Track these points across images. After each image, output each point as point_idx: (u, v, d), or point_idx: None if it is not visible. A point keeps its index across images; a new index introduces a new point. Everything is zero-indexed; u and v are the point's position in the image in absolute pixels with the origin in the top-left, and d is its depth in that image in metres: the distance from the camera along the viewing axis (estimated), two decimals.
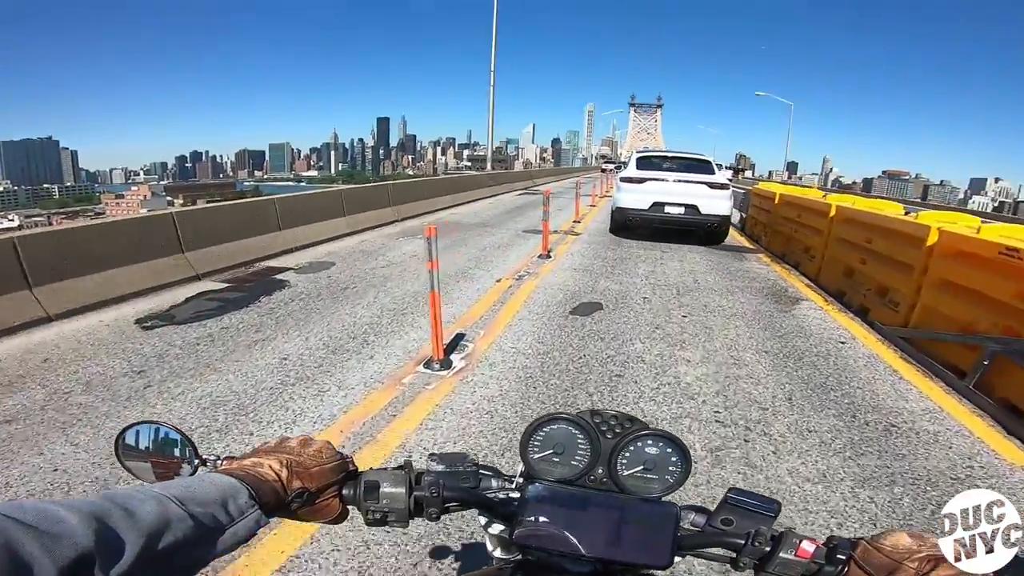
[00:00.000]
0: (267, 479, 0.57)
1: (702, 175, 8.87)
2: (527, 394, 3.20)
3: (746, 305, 5.35)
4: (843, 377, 3.70)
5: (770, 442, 2.76)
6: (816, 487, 2.39)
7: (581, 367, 3.61)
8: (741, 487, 0.63)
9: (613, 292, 5.52)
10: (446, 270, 6.11)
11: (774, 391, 3.40)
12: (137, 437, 0.63)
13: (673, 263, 7.30)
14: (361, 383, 3.26)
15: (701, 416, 3.01)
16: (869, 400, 3.36)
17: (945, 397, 3.45)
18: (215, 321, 4.33)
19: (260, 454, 0.60)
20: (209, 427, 2.71)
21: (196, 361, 3.52)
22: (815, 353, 4.14)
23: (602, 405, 1.79)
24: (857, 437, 2.87)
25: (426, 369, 3.46)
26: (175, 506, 0.45)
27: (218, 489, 0.51)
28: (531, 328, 4.36)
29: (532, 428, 0.68)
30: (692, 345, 4.12)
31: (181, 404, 2.93)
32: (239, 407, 2.91)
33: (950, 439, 2.91)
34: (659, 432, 0.66)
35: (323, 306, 4.82)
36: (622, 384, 3.39)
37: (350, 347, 3.85)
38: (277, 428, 2.72)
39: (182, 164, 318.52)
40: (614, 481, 0.66)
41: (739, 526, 0.59)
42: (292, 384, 3.21)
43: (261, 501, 0.54)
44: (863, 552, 0.53)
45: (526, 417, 2.85)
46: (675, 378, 3.50)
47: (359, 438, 2.64)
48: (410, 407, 2.97)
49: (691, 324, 4.62)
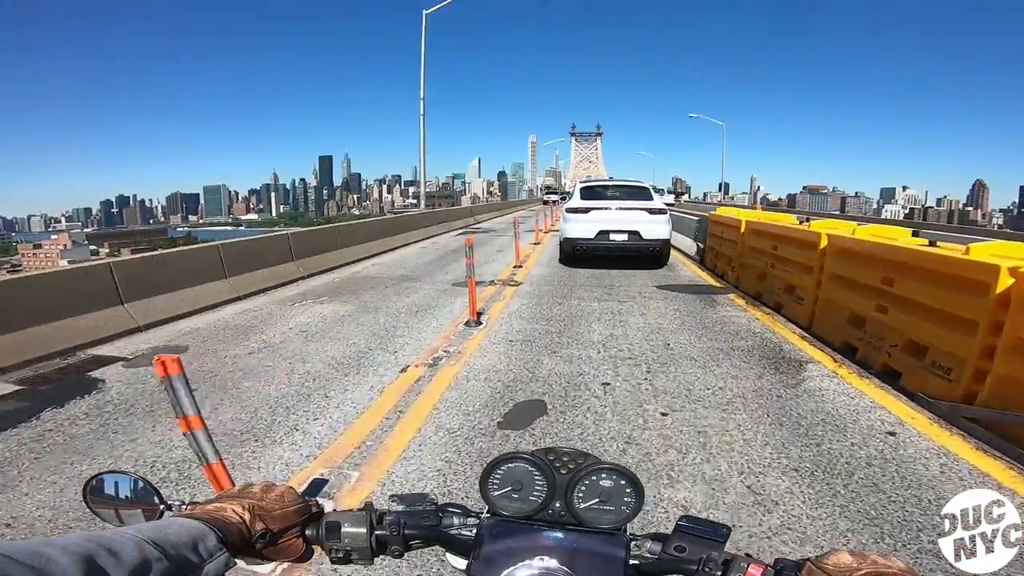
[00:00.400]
0: (231, 521, 0.59)
1: (642, 202, 9.37)
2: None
3: (742, 382, 3.95)
4: (924, 502, 2.38)
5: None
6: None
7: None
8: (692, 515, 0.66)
9: (561, 378, 3.98)
10: (335, 355, 4.48)
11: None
12: (105, 485, 0.65)
13: (635, 318, 5.90)
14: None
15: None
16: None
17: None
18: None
19: (224, 499, 0.63)
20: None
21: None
22: (864, 461, 2.80)
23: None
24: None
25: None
26: (151, 548, 0.47)
27: (187, 531, 0.53)
28: (435, 463, 2.77)
29: (490, 467, 0.69)
30: (686, 474, 2.66)
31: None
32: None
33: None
34: (611, 466, 0.68)
35: (127, 426, 3.22)
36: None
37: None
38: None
39: (108, 210, 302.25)
40: (571, 514, 0.68)
41: (692, 552, 0.62)
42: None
43: (228, 542, 0.56)
44: (808, 573, 0.54)
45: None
46: None
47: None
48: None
49: (676, 430, 3.14)
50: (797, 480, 2.61)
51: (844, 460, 2.80)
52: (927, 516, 2.28)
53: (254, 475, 2.61)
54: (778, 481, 2.60)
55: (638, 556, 0.64)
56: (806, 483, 2.58)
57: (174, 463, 2.75)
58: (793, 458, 2.82)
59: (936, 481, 2.60)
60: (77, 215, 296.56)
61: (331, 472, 2.68)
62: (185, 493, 2.53)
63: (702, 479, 2.62)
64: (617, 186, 10.51)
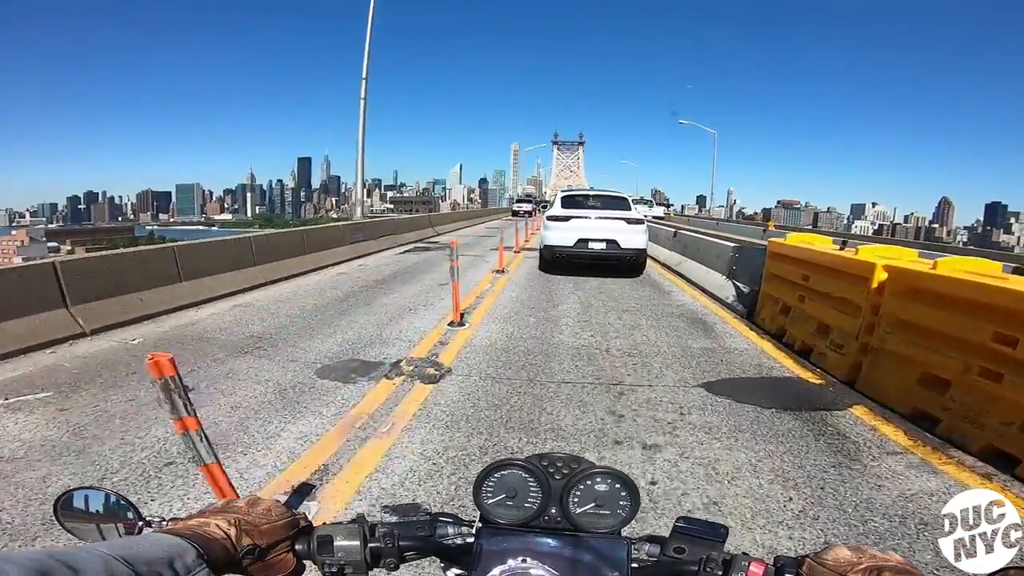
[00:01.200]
0: (215, 537, 0.56)
1: (620, 212, 9.69)
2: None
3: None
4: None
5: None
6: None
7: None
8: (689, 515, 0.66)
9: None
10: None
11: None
12: (80, 501, 0.63)
13: (696, 469, 2.91)
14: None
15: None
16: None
17: None
18: None
19: (207, 514, 0.60)
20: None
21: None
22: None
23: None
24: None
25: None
26: (120, 565, 0.45)
27: (164, 549, 0.50)
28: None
29: (483, 475, 0.69)
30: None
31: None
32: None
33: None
34: (606, 469, 0.68)
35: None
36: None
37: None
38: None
39: (75, 206, 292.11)
40: (568, 519, 0.67)
41: (691, 553, 0.62)
42: None
43: (210, 559, 0.53)
44: (808, 569, 0.55)
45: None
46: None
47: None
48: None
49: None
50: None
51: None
52: None
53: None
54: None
55: (637, 559, 0.64)
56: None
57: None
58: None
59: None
60: (43, 210, 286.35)
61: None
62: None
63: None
64: (597, 195, 10.90)
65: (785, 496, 2.62)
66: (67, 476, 2.65)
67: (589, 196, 10.89)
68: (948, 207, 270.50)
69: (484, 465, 0.70)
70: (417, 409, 3.55)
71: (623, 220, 9.33)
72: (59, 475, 2.65)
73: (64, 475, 2.66)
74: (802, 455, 3.07)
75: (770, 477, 2.81)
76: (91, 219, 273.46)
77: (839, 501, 2.59)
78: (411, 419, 3.39)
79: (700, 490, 2.67)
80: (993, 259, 4.56)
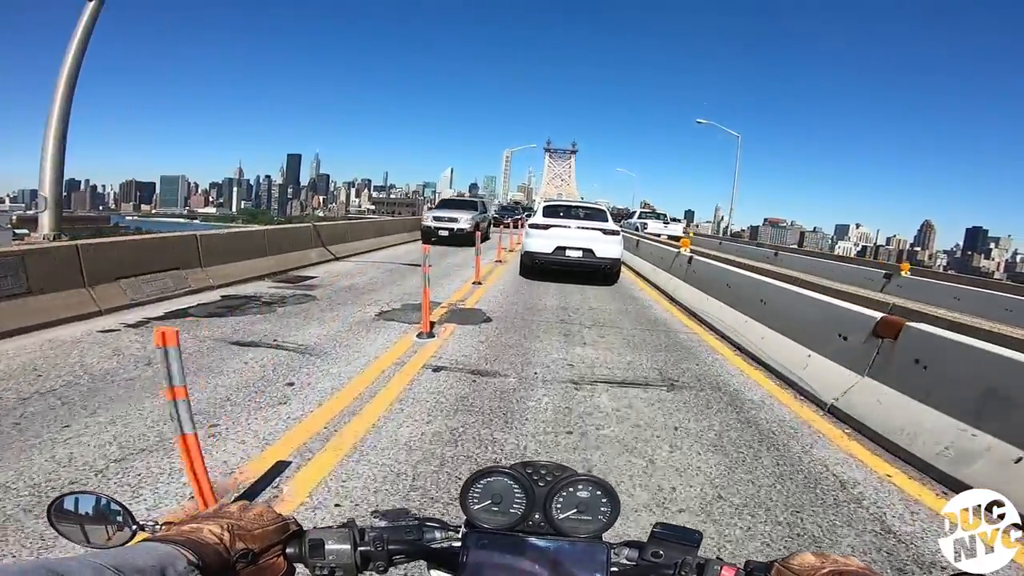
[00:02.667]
0: (208, 542, 0.57)
1: (598, 223, 9.98)
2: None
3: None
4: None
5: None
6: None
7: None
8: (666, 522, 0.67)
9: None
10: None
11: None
12: (74, 504, 0.63)
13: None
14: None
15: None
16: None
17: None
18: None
19: (200, 520, 0.61)
20: None
21: None
22: None
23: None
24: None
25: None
26: (111, 573, 0.45)
27: (155, 557, 0.50)
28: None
29: (470, 481, 0.70)
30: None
31: None
32: None
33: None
34: (588, 477, 0.70)
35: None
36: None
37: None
38: None
39: None
40: (551, 524, 0.69)
41: (667, 557, 0.64)
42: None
43: (203, 564, 0.54)
44: (777, 573, 0.57)
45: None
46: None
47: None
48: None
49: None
50: None
51: None
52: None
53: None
54: None
55: (617, 563, 0.67)
56: None
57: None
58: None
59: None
60: (23, 196, 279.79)
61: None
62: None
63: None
64: (577, 206, 11.48)
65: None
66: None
67: (570, 207, 11.41)
68: (930, 230, 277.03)
69: (471, 472, 0.72)
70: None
71: (600, 231, 9.73)
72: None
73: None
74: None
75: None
76: (71, 207, 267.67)
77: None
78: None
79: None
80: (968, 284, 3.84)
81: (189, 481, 2.16)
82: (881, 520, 2.60)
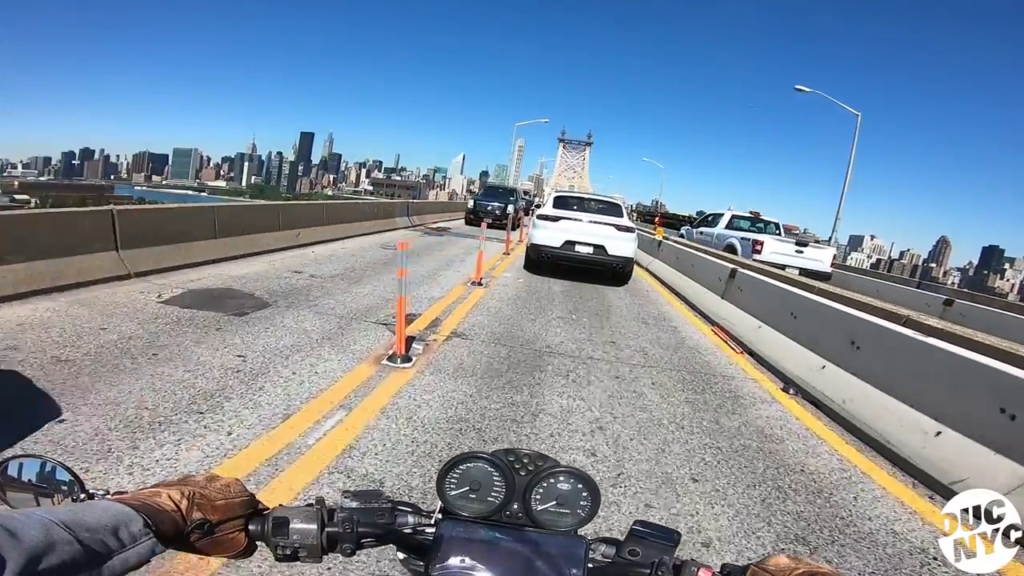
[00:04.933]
0: (164, 508, 0.55)
1: (612, 218, 9.25)
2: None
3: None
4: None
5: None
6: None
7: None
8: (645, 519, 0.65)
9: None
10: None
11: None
12: (19, 470, 0.59)
13: None
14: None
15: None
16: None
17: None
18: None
19: (160, 486, 0.59)
20: None
21: None
22: None
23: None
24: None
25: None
26: (60, 530, 0.44)
27: (109, 516, 0.49)
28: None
29: (448, 466, 0.68)
30: None
31: None
32: None
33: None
34: (570, 469, 0.68)
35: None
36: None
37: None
38: None
39: (69, 161, 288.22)
40: (529, 516, 0.68)
41: (645, 556, 0.62)
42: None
43: (158, 530, 0.52)
44: (752, 574, 0.57)
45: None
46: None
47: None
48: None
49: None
50: None
51: None
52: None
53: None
54: None
55: (593, 560, 0.65)
56: None
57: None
58: None
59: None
60: (36, 163, 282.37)
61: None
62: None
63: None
64: (589, 199, 10.69)
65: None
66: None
67: (582, 199, 10.75)
68: (946, 246, 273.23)
69: (450, 457, 0.69)
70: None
71: (613, 226, 9.06)
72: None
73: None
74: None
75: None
76: (84, 175, 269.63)
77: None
78: None
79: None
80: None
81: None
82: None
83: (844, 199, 20.23)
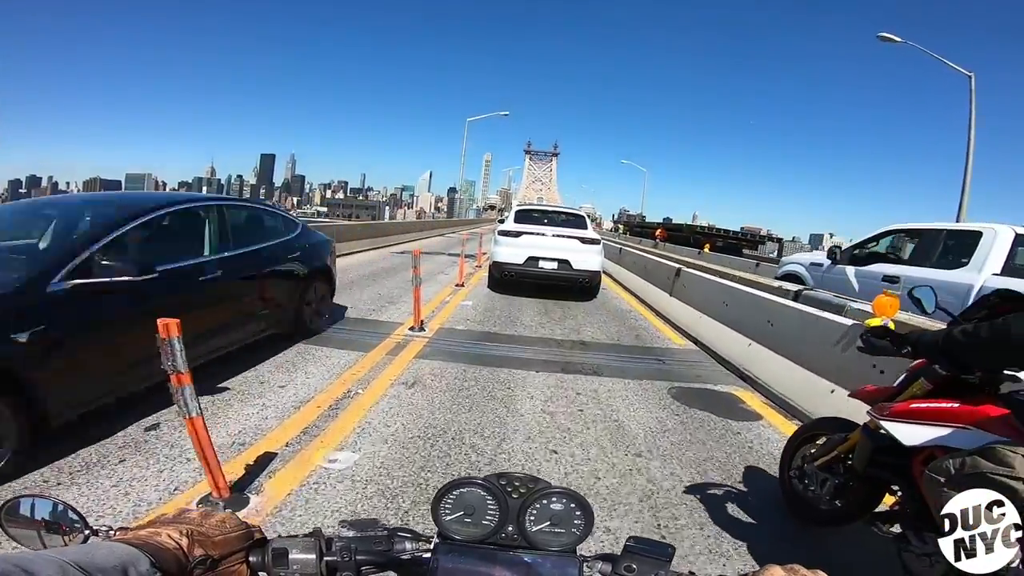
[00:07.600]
0: (167, 547, 0.56)
1: (575, 230, 8.97)
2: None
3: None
4: None
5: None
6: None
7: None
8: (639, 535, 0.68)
9: None
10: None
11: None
12: (21, 507, 0.62)
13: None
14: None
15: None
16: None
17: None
18: None
19: (158, 524, 0.60)
20: None
21: None
22: None
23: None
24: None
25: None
26: (75, 571, 0.44)
27: (116, 557, 0.50)
28: None
29: (442, 492, 0.70)
30: None
31: None
32: None
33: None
34: (562, 490, 0.69)
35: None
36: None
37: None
38: None
39: (15, 189, 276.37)
40: (524, 537, 0.68)
41: (640, 571, 0.63)
42: None
43: (162, 569, 0.53)
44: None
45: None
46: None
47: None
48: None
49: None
50: None
51: None
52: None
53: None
54: None
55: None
56: None
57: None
58: None
59: None
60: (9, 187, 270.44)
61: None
62: None
63: None
64: (554, 212, 10.34)
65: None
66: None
67: (545, 212, 10.35)
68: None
69: (444, 483, 0.71)
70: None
71: (577, 239, 8.76)
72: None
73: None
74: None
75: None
76: None
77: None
78: None
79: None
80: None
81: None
82: None
83: (969, 182, 16.02)
